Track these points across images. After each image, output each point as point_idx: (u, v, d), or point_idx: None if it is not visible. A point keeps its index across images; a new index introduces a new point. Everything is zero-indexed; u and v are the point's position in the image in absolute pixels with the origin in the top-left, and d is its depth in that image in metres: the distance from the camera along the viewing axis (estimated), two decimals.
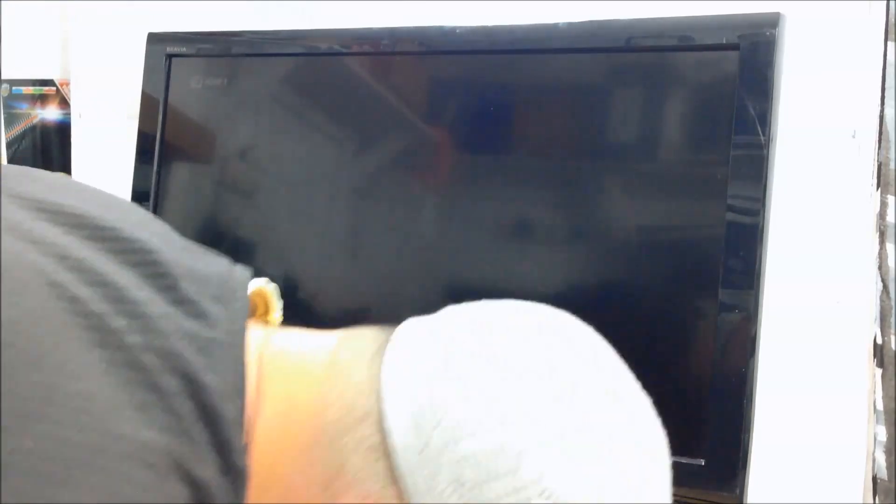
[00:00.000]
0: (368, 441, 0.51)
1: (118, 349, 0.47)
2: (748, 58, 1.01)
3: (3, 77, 1.63)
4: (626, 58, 1.11)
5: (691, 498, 1.02)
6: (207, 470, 0.48)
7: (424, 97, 1.24)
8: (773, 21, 1.01)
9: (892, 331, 1.00)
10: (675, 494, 1.03)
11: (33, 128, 1.63)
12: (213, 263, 0.57)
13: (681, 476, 1.03)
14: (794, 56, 1.03)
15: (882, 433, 1.01)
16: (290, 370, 0.54)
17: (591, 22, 1.11)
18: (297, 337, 0.58)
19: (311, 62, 1.30)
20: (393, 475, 0.50)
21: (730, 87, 1.02)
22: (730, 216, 1.01)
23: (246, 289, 0.57)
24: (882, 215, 1.01)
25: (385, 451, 0.51)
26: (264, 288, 0.61)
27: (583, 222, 1.13)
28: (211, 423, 0.49)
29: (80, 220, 0.52)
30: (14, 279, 0.45)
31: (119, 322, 0.47)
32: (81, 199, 0.56)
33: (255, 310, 0.61)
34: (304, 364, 0.55)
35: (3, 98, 1.64)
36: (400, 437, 0.50)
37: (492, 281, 1.15)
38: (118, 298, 0.48)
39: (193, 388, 0.48)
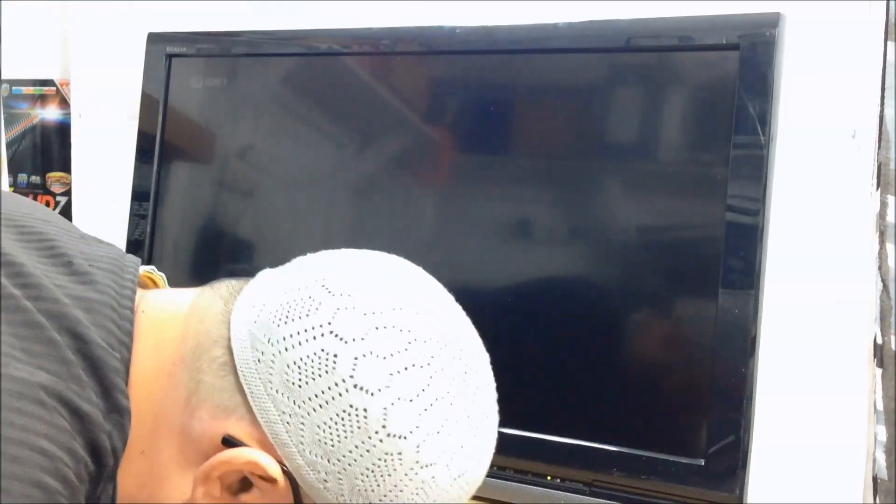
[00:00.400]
0: (219, 360, 0.62)
1: (15, 311, 0.57)
2: (748, 58, 1.01)
3: (3, 77, 1.63)
4: (626, 58, 1.11)
5: (691, 498, 1.02)
6: (93, 406, 0.58)
7: (425, 97, 1.24)
8: (773, 21, 1.01)
9: (892, 331, 1.00)
10: (675, 494, 1.03)
11: (33, 128, 1.63)
12: (107, 248, 0.68)
13: (681, 476, 1.03)
14: (794, 56, 1.03)
15: (882, 433, 1.01)
16: (159, 317, 0.64)
17: (591, 22, 1.11)
18: (166, 292, 0.69)
19: (311, 62, 1.30)
20: (238, 385, 0.61)
21: (730, 87, 1.02)
22: (730, 216, 1.01)
23: (136, 266, 0.67)
24: (882, 215, 1.01)
25: (232, 366, 0.61)
26: (154, 272, 0.72)
27: (583, 222, 1.13)
28: (96, 369, 0.59)
29: (5, 218, 0.64)
30: None
31: (17, 291, 0.58)
32: (9, 203, 0.68)
33: (147, 287, 0.71)
34: (168, 310, 0.65)
35: (3, 98, 1.64)
36: (240, 352, 0.61)
37: (492, 280, 1.15)
38: (16, 273, 0.59)
39: (79, 343, 0.58)
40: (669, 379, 1.06)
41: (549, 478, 1.09)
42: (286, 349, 0.60)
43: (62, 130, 1.60)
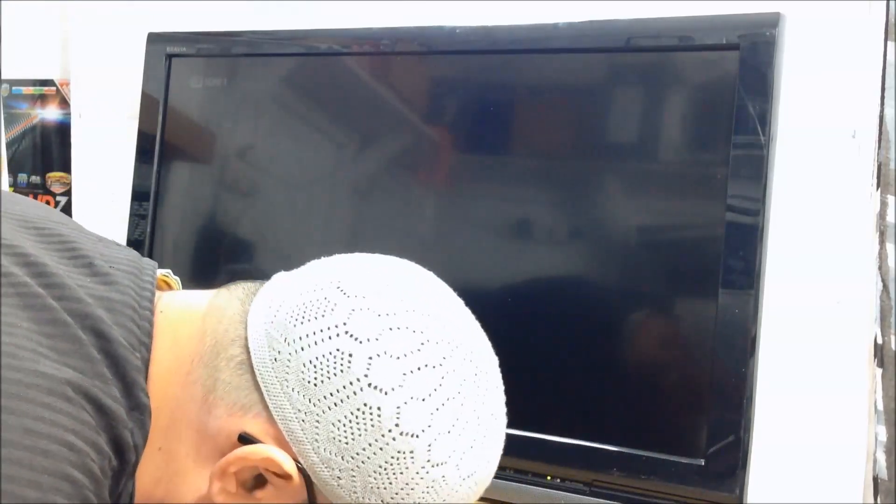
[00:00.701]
0: (236, 359, 0.63)
1: (41, 310, 0.59)
2: (748, 58, 1.01)
3: (3, 77, 1.63)
4: (626, 58, 1.11)
5: (691, 498, 1.02)
6: (117, 403, 0.59)
7: (424, 97, 1.24)
8: (773, 21, 1.01)
9: (892, 331, 1.00)
10: (675, 494, 1.03)
11: (33, 128, 1.63)
12: (126, 251, 0.69)
13: (681, 476, 1.03)
14: (794, 56, 1.03)
15: (882, 433, 1.01)
16: (176, 317, 0.66)
17: (591, 22, 1.11)
18: (184, 293, 0.71)
19: (311, 62, 1.30)
20: (255, 384, 0.62)
21: (730, 87, 1.02)
22: (730, 216, 1.01)
23: (154, 269, 0.68)
24: (882, 215, 1.01)
25: (249, 365, 0.62)
26: (169, 275, 0.73)
27: (583, 222, 1.13)
28: (118, 368, 0.60)
29: (24, 220, 0.65)
30: None
31: (41, 290, 0.59)
32: (26, 206, 0.70)
33: (163, 290, 0.72)
34: (186, 310, 0.67)
35: (3, 98, 1.64)
36: (257, 351, 0.62)
37: (491, 280, 1.15)
38: (40, 273, 0.60)
39: (102, 341, 0.59)
40: (669, 379, 1.06)
41: (549, 478, 1.09)
42: (302, 348, 0.61)
43: (62, 130, 1.60)
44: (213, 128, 1.35)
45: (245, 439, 0.62)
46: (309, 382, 0.61)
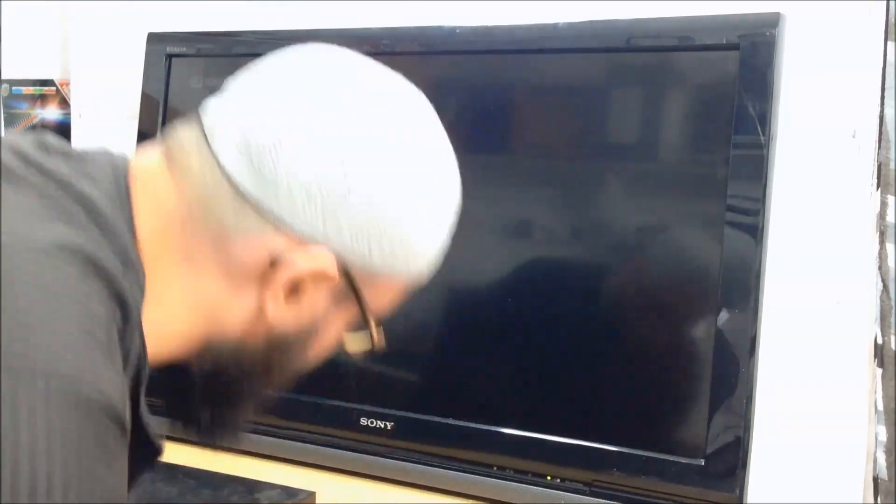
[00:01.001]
0: (229, 203, 0.68)
1: (28, 185, 0.64)
2: (748, 58, 1.01)
3: (3, 77, 1.63)
4: (626, 58, 1.11)
5: (691, 498, 1.02)
6: (112, 263, 0.63)
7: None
8: (773, 21, 1.01)
9: (892, 331, 1.00)
10: (675, 494, 1.03)
11: (33, 128, 1.63)
12: (100, 148, 0.74)
13: (681, 476, 1.03)
14: (794, 56, 1.03)
15: (882, 433, 1.01)
16: (146, 175, 0.71)
17: (591, 22, 1.11)
18: (139, 157, 0.75)
19: None
20: (258, 211, 0.67)
21: (730, 87, 1.02)
22: (730, 216, 1.01)
23: (125, 155, 0.73)
24: (882, 215, 1.01)
25: (244, 199, 0.67)
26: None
27: (583, 222, 1.13)
28: (107, 230, 0.64)
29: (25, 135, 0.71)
30: None
31: (25, 169, 0.65)
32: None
33: None
34: (151, 167, 0.72)
35: (3, 98, 1.64)
36: (245, 183, 0.67)
37: (491, 280, 1.15)
38: (22, 157, 0.66)
39: (88, 206, 0.64)
40: (669, 379, 1.06)
41: (549, 478, 1.09)
42: (278, 144, 0.67)
43: (62, 130, 1.60)
44: None
45: (275, 258, 0.67)
46: (305, 187, 0.66)
